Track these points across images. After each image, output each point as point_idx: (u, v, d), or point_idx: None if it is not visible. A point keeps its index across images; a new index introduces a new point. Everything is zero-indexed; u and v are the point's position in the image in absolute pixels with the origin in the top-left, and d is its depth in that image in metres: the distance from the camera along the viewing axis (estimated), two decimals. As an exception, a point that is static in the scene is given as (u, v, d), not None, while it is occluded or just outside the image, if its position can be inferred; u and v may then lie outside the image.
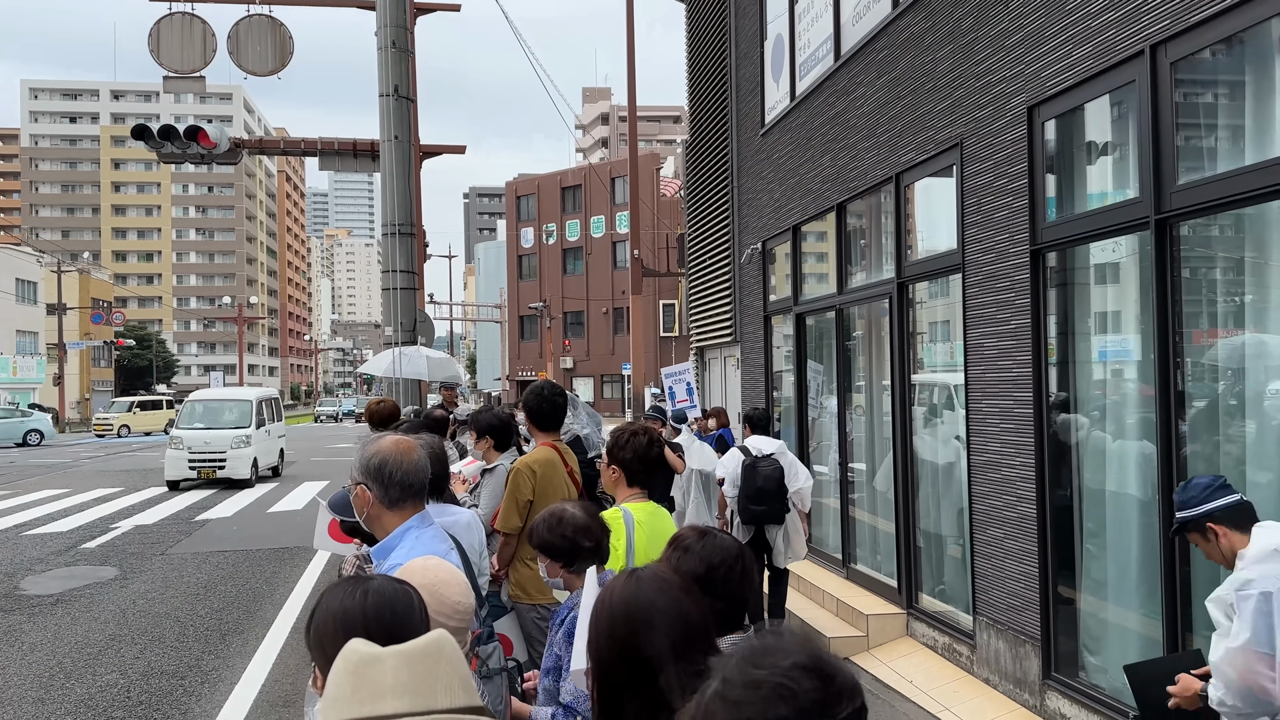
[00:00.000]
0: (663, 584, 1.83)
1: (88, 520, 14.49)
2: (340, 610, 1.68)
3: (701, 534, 2.34)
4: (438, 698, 1.25)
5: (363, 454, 2.64)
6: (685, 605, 1.81)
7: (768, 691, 1.13)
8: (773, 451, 7.09)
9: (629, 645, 1.74)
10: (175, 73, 13.36)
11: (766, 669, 1.15)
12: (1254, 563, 2.95)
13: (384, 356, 10.33)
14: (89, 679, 6.68)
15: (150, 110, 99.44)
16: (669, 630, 1.74)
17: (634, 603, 1.78)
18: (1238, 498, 3.15)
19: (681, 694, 1.70)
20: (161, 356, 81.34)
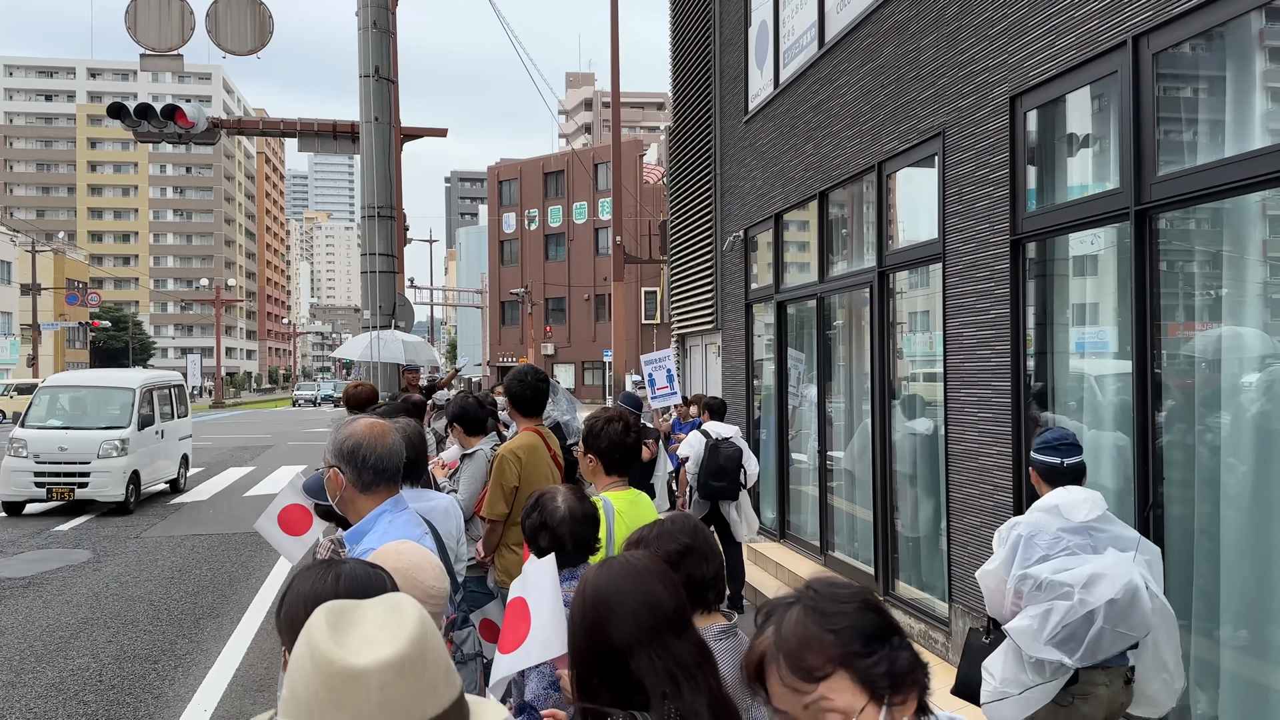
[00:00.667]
0: (633, 571, 1.84)
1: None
2: (311, 594, 1.66)
3: (662, 520, 2.40)
4: (425, 707, 1.18)
5: (336, 436, 2.60)
6: (657, 591, 1.81)
7: (857, 606, 1.35)
8: (730, 435, 7.86)
9: (599, 632, 1.75)
10: (152, 51, 13.16)
11: (846, 589, 1.38)
12: (1033, 511, 3.62)
13: (360, 340, 10.26)
14: (60, 662, 6.62)
15: (127, 89, 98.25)
16: (638, 616, 1.75)
17: (604, 591, 1.79)
18: (1059, 461, 3.68)
19: (655, 677, 1.70)
20: (138, 338, 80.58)
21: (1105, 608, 3.24)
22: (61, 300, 63.52)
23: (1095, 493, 3.62)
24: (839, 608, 1.34)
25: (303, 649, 1.20)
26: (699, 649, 1.81)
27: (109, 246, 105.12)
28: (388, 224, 10.21)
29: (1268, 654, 3.97)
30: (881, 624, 1.35)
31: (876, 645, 1.33)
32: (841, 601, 1.35)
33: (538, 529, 2.78)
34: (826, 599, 1.34)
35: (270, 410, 59.13)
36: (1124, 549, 3.46)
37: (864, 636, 1.32)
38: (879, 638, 1.34)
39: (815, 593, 1.36)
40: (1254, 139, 3.98)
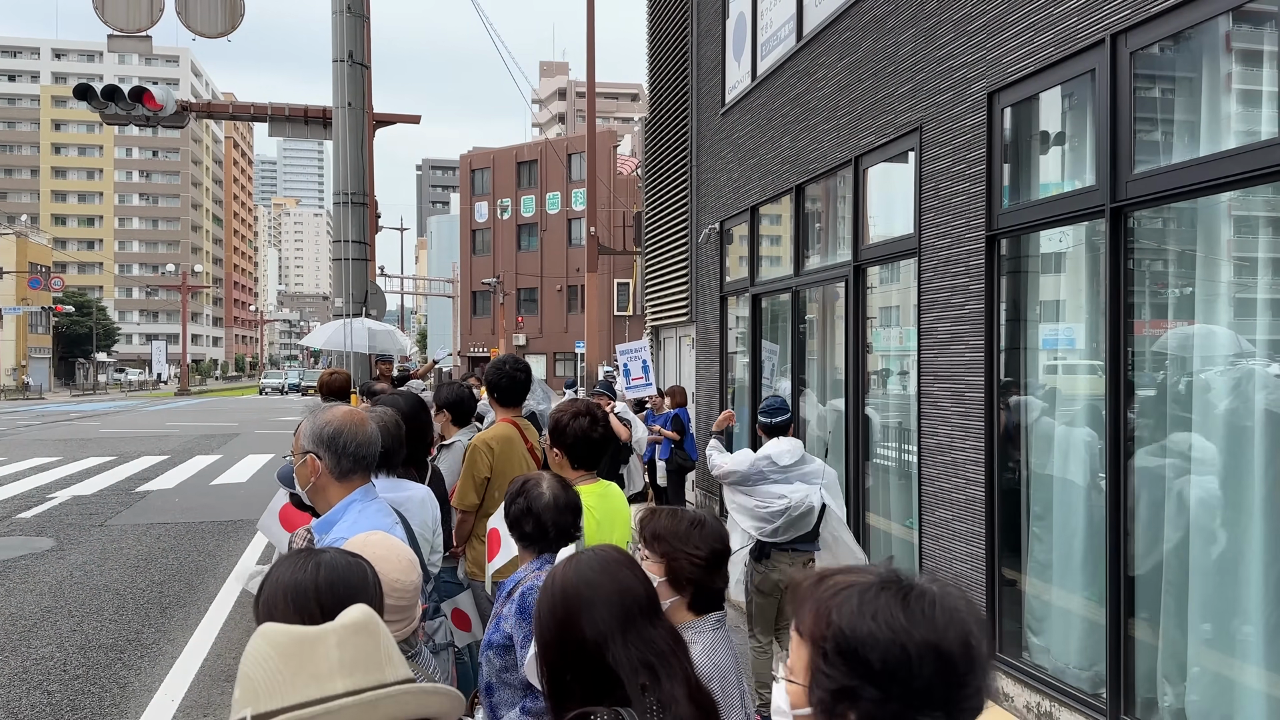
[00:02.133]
0: (603, 563, 1.83)
1: (23, 490, 14.12)
2: (291, 583, 1.63)
3: (696, 522, 2.37)
4: (384, 670, 1.21)
5: (314, 423, 2.57)
6: (627, 580, 1.81)
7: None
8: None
9: (570, 626, 1.73)
10: (120, 32, 12.94)
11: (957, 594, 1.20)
12: (762, 451, 5.30)
13: (327, 328, 10.16)
14: (24, 652, 6.51)
15: (93, 70, 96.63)
16: (610, 606, 1.74)
17: (573, 584, 1.78)
18: (770, 420, 5.40)
19: (633, 668, 1.69)
20: (102, 324, 79.40)
21: (785, 513, 5.10)
22: (24, 284, 62.46)
23: (797, 441, 5.39)
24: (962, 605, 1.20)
25: (256, 642, 1.24)
26: (671, 635, 1.80)
27: (73, 230, 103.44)
28: (360, 211, 10.11)
29: (1234, 648, 4.03)
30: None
31: None
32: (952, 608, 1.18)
33: (523, 514, 2.76)
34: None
35: (237, 398, 58.53)
36: (811, 481, 5.23)
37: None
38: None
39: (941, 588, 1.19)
40: (1229, 138, 4.03)
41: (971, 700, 1.09)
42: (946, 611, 1.09)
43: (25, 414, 36.04)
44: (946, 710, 1.06)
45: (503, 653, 2.64)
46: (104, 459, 18.44)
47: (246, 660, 1.22)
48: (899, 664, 1.05)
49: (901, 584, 1.14)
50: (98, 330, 75.99)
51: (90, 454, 19.37)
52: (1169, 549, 4.32)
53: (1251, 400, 3.96)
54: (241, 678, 1.22)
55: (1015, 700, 5.13)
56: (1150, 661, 4.36)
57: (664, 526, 2.32)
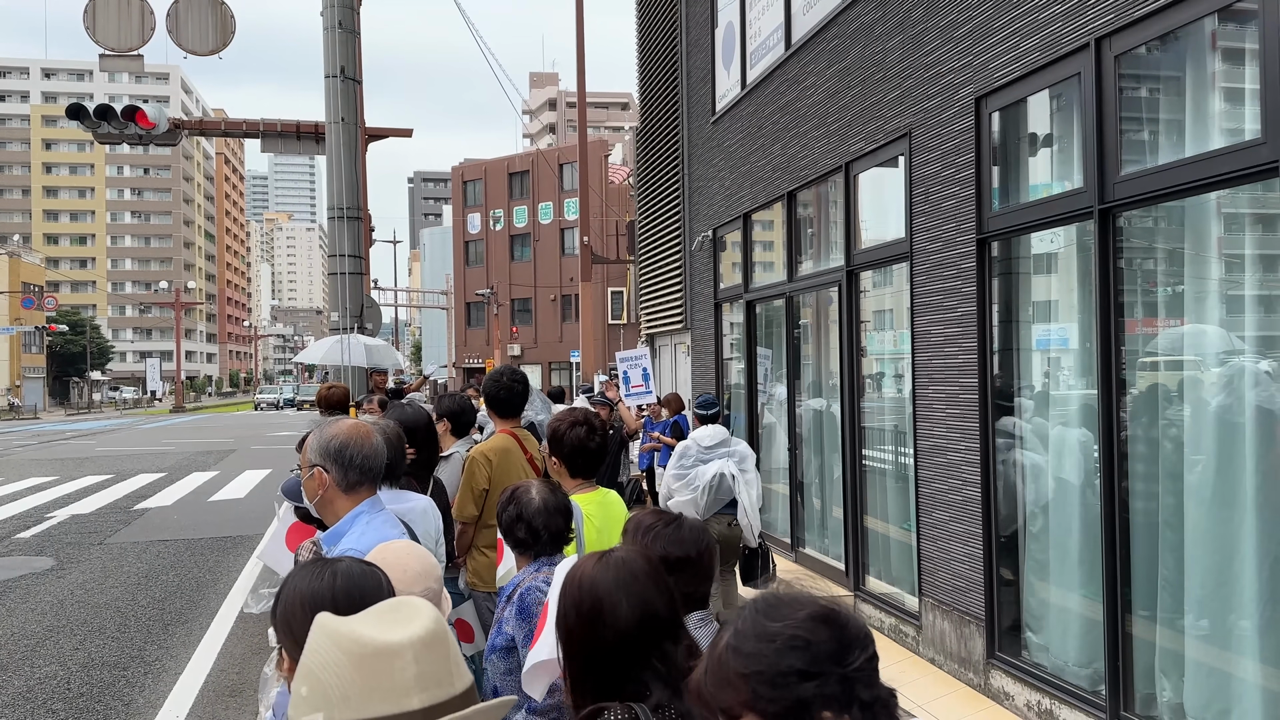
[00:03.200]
0: (632, 573, 1.82)
1: (21, 510, 14.11)
2: (308, 591, 1.66)
3: (673, 521, 2.36)
4: (453, 682, 1.20)
5: (321, 436, 2.61)
6: (652, 599, 1.79)
7: (781, 643, 1.14)
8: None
9: (594, 624, 1.75)
10: (112, 51, 12.99)
11: (780, 621, 1.16)
12: (689, 439, 6.57)
13: (322, 344, 10.19)
14: (27, 671, 6.52)
15: (83, 89, 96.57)
16: (630, 622, 1.75)
17: (603, 586, 1.78)
18: (703, 413, 6.76)
19: (658, 685, 1.71)
20: (95, 342, 79.24)
21: (706, 489, 6.20)
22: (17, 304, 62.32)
23: (720, 427, 6.55)
24: (759, 646, 1.15)
25: (322, 643, 1.20)
26: (689, 650, 1.82)
27: (65, 249, 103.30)
28: (355, 225, 10.15)
29: (1230, 642, 4.07)
30: (811, 661, 1.14)
31: (815, 674, 1.13)
32: (768, 639, 1.15)
33: (514, 521, 2.81)
34: (749, 637, 1.17)
35: (232, 414, 58.45)
36: (729, 456, 6.32)
37: (788, 674, 1.13)
38: (830, 659, 1.15)
39: (738, 633, 1.19)
40: (1213, 139, 4.09)
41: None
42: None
43: (20, 434, 35.97)
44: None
45: (506, 655, 2.68)
46: (101, 477, 18.42)
47: (315, 662, 1.20)
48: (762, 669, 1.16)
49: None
50: (91, 349, 75.84)
51: (87, 473, 19.34)
52: (1164, 546, 4.37)
53: (1243, 396, 4.01)
54: (309, 677, 1.20)
55: (1015, 699, 5.17)
56: (1149, 657, 4.41)
57: (641, 524, 2.34)
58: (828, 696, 1.12)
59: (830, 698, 1.12)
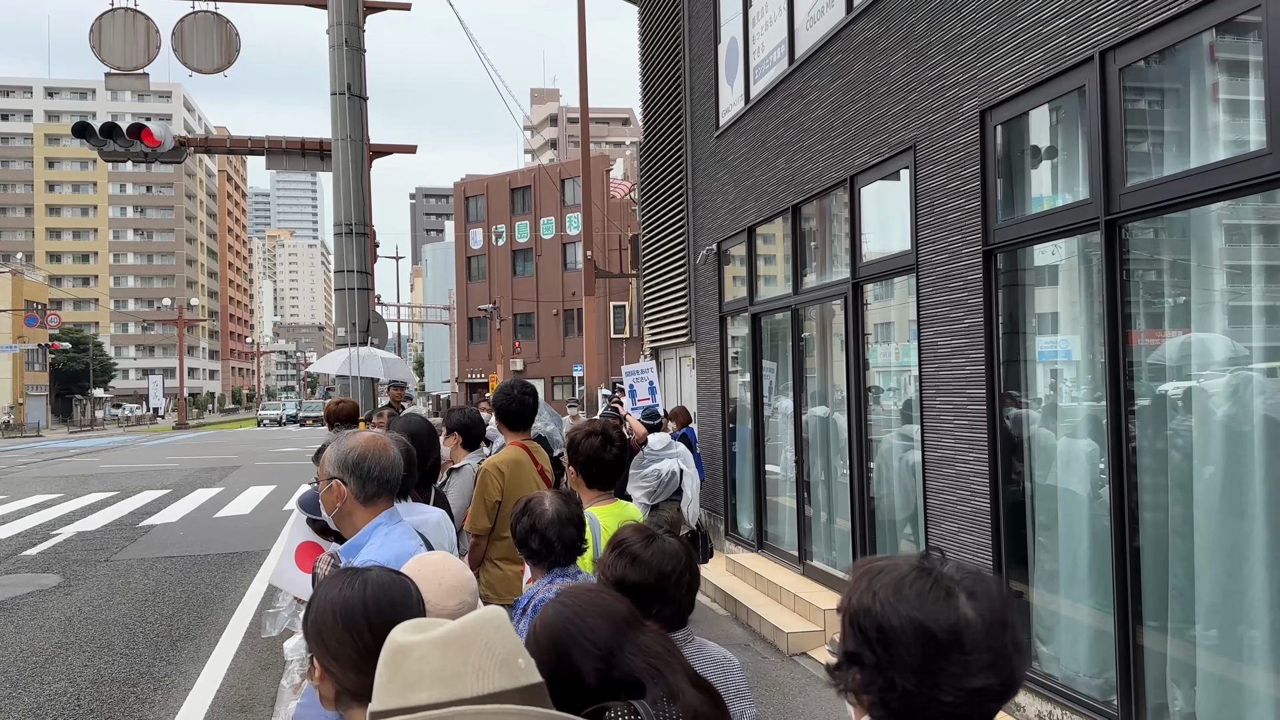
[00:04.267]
0: (577, 596, 1.87)
1: (27, 527, 14.12)
2: (340, 600, 1.69)
3: (648, 539, 2.34)
4: (467, 684, 1.26)
5: (339, 449, 2.63)
6: (605, 603, 1.86)
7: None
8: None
9: (563, 664, 1.78)
10: (117, 70, 13.08)
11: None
12: (647, 443, 7.90)
13: (336, 356, 10.21)
14: (36, 688, 6.52)
15: (86, 108, 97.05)
16: (597, 634, 1.79)
17: (557, 625, 1.82)
18: (651, 422, 8.54)
19: (641, 672, 1.75)
20: (98, 360, 79.36)
21: (658, 480, 7.49)
22: (20, 322, 62.46)
23: (664, 434, 8.23)
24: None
25: (383, 649, 1.35)
26: (660, 636, 1.87)
27: (68, 267, 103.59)
28: (361, 241, 10.20)
29: (1241, 652, 4.08)
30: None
31: None
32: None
33: (528, 532, 2.82)
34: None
35: (235, 430, 58.46)
36: (673, 457, 7.73)
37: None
38: None
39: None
40: (1219, 150, 4.12)
41: (961, 679, 1.20)
42: (940, 594, 1.22)
43: (24, 451, 35.98)
44: (934, 681, 1.20)
45: None
46: (106, 494, 18.44)
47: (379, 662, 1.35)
48: (882, 634, 1.22)
49: (916, 568, 1.27)
50: (94, 366, 75.94)
51: (92, 490, 19.36)
52: (1174, 555, 4.38)
53: (1250, 406, 4.03)
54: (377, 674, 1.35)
55: (1027, 710, 5.16)
56: (1159, 667, 4.41)
57: (616, 543, 2.35)
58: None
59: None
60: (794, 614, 7.68)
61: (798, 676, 6.49)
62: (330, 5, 10.43)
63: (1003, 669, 1.22)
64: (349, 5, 10.32)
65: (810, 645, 7.06)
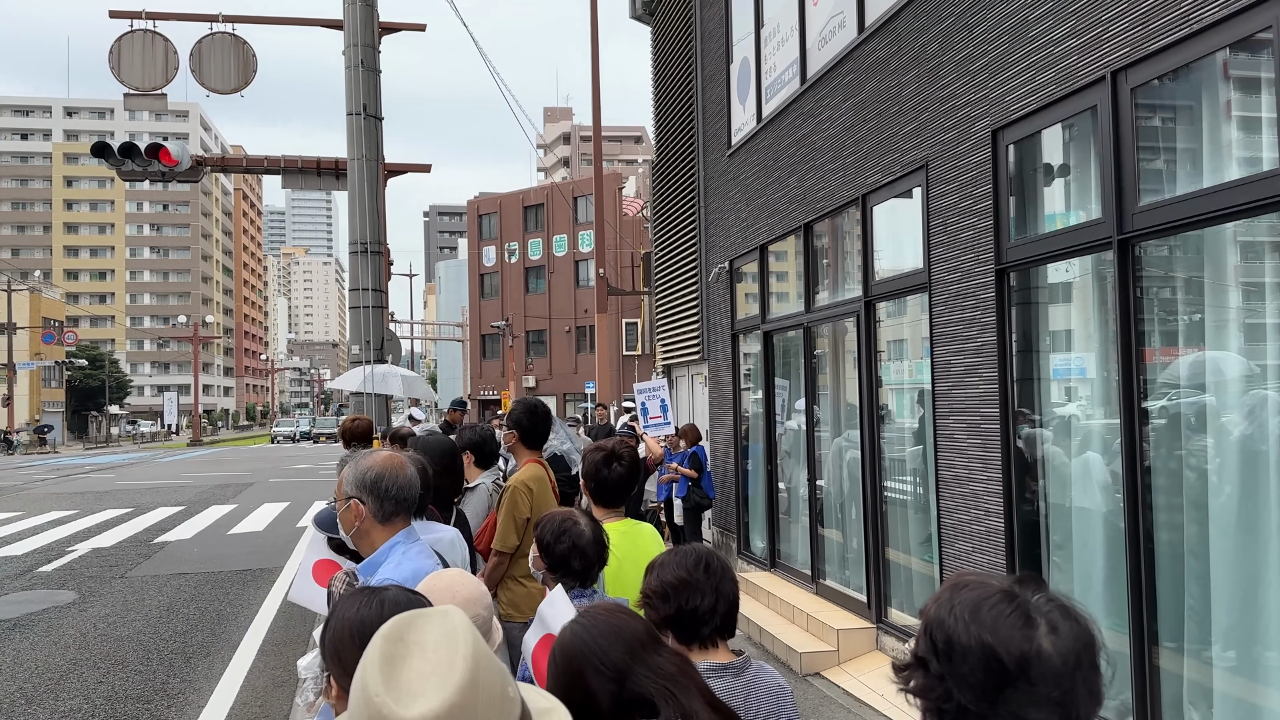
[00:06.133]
0: (593, 617, 1.86)
1: (43, 543, 14.20)
2: (356, 619, 1.70)
3: (672, 550, 2.39)
4: None
5: (357, 469, 2.65)
6: (620, 622, 1.85)
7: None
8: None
9: (576, 686, 1.79)
10: (136, 90, 13.24)
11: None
12: None
13: (355, 373, 10.27)
14: (51, 704, 6.55)
15: (104, 127, 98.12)
16: (611, 655, 1.80)
17: (573, 646, 1.82)
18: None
19: (656, 694, 1.76)
20: (114, 377, 79.87)
21: None
22: (38, 339, 62.97)
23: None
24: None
25: (357, 687, 1.21)
26: (677, 657, 1.87)
27: (85, 285, 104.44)
28: (376, 259, 10.27)
29: (1257, 673, 4.05)
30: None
31: None
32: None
33: (570, 552, 2.83)
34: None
35: (249, 447, 58.65)
36: None
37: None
38: None
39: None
40: (1232, 170, 4.13)
41: (1022, 708, 1.20)
42: (1019, 622, 1.23)
43: (40, 468, 36.19)
44: (992, 704, 1.20)
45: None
46: (121, 511, 18.52)
47: (351, 705, 1.24)
48: (951, 648, 1.24)
49: (1002, 591, 1.28)
50: (110, 383, 76.42)
51: (107, 506, 19.45)
52: (1190, 575, 4.35)
53: (1266, 425, 4.01)
54: (349, 716, 1.24)
55: (1042, 731, 5.12)
56: (1176, 689, 4.38)
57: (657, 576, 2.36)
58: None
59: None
60: (807, 634, 7.65)
61: (811, 697, 6.46)
62: (346, 27, 10.54)
63: (1069, 710, 1.21)
64: (365, 27, 10.43)
65: (823, 665, 7.03)
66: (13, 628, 8.79)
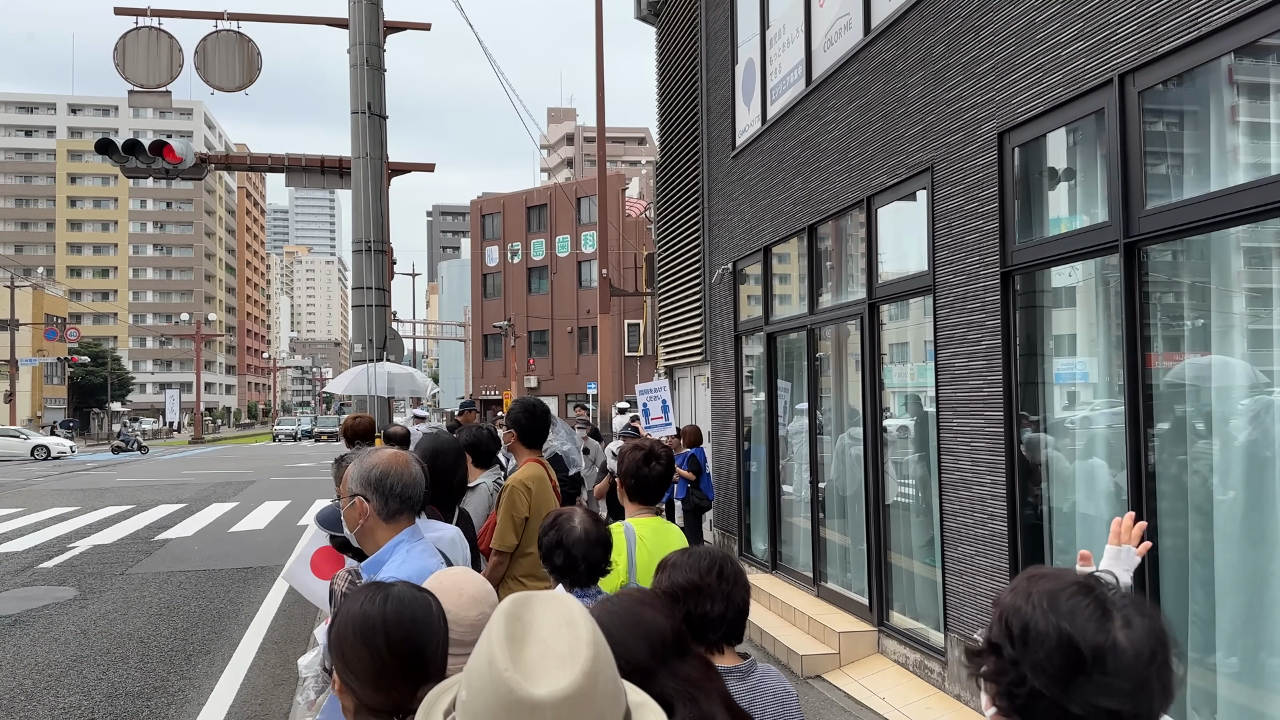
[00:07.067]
0: (627, 605, 1.84)
1: (44, 540, 14.19)
2: (360, 616, 1.70)
3: (688, 550, 2.36)
4: None
5: (362, 466, 2.64)
6: (651, 619, 1.82)
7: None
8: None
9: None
10: (141, 87, 13.23)
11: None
12: None
13: (345, 376, 10.26)
14: (51, 700, 6.54)
15: (108, 124, 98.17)
16: (636, 648, 1.77)
17: (603, 626, 1.80)
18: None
19: (677, 699, 1.74)
20: (116, 374, 79.86)
21: None
22: (40, 336, 63.02)
23: None
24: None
25: (483, 657, 1.22)
26: (702, 662, 1.84)
27: (88, 282, 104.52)
28: (379, 258, 10.26)
29: (1263, 680, 4.03)
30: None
31: None
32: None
33: (554, 547, 2.82)
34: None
35: (251, 445, 58.68)
36: None
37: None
38: None
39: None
40: (1238, 174, 4.11)
41: (1095, 697, 1.23)
42: (1096, 613, 1.26)
43: (42, 464, 36.21)
44: (1066, 691, 1.23)
45: None
46: (122, 508, 18.52)
47: (474, 671, 1.22)
48: (1026, 634, 1.26)
49: (1078, 584, 1.30)
50: (112, 380, 76.43)
51: (108, 503, 19.45)
52: (1194, 581, 4.34)
53: (1271, 430, 4.00)
54: (470, 688, 1.23)
55: (1044, 736, 5.11)
56: (1180, 695, 4.36)
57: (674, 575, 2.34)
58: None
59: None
60: (808, 636, 7.64)
61: (812, 700, 6.45)
62: (351, 25, 10.54)
63: (1140, 701, 1.24)
64: (370, 25, 10.43)
65: (824, 668, 7.02)
66: (13, 624, 8.79)
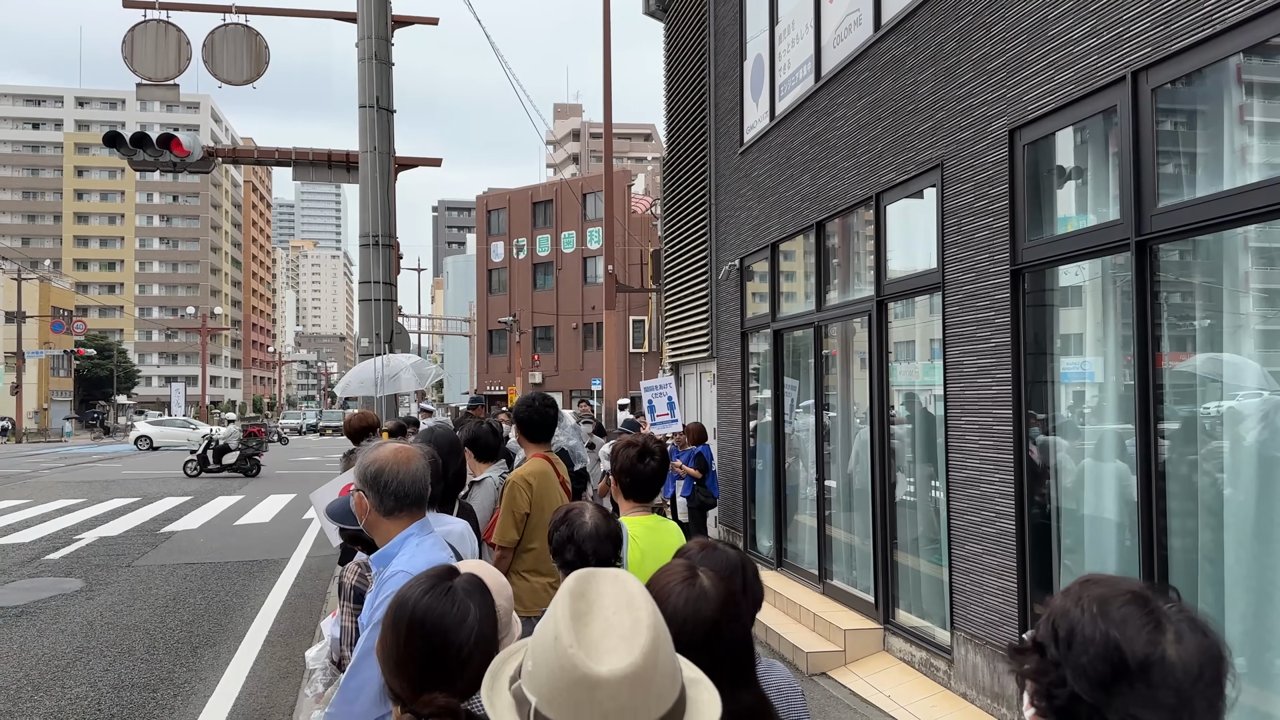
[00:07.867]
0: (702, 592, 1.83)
1: (50, 531, 14.23)
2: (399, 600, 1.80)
3: (703, 546, 2.35)
4: (650, 712, 1.24)
5: (362, 461, 2.64)
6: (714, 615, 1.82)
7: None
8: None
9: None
10: (148, 80, 13.23)
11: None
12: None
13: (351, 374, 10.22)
14: (58, 691, 6.56)
15: (115, 118, 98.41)
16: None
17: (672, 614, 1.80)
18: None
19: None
20: (122, 367, 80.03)
21: None
22: (46, 328, 63.19)
23: None
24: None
25: (549, 632, 1.26)
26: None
27: (95, 275, 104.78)
28: (387, 253, 10.26)
29: (1272, 681, 4.01)
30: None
31: None
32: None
33: (565, 542, 2.81)
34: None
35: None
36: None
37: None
38: None
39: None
40: (1252, 172, 4.09)
41: (1137, 708, 1.21)
42: (1148, 625, 1.24)
43: (48, 456, 36.31)
44: (1108, 698, 1.22)
45: None
46: (128, 500, 18.57)
47: (539, 643, 1.27)
48: (1072, 637, 1.26)
49: (1133, 593, 1.29)
50: (118, 373, 76.59)
51: (114, 495, 19.50)
52: (1204, 580, 4.32)
53: (1282, 430, 3.98)
54: (536, 659, 1.27)
55: (1051, 735, 5.09)
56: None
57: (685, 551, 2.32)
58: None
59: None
60: (813, 633, 7.63)
61: (817, 696, 6.44)
62: (360, 19, 10.53)
63: (1183, 718, 1.22)
64: (378, 19, 10.42)
65: (830, 665, 7.01)
66: (20, 615, 8.81)
